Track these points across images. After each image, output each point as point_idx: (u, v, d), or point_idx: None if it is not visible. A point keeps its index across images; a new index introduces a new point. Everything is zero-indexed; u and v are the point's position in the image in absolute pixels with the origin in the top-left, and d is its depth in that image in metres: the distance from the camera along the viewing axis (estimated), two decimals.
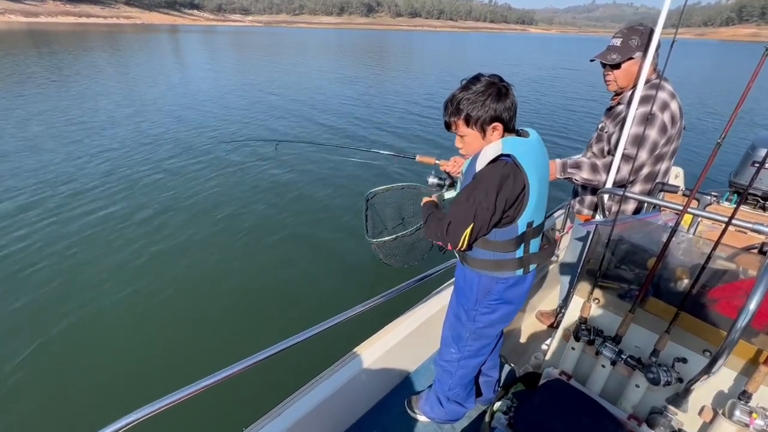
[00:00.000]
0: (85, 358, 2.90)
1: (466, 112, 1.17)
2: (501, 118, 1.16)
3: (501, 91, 1.16)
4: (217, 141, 7.88)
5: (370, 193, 2.03)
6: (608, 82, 1.76)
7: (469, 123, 1.19)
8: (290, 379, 1.85)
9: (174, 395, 1.12)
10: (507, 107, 1.17)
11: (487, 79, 1.18)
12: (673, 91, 1.66)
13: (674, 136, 1.68)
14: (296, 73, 18.65)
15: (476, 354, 1.49)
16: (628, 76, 1.69)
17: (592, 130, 1.96)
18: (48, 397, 2.62)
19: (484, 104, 1.15)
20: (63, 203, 5.16)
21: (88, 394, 2.63)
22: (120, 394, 2.60)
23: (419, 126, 9.54)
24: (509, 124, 1.20)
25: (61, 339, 3.06)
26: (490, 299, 1.34)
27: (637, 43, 1.64)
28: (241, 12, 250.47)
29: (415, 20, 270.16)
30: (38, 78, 14.08)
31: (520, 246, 1.24)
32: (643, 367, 1.32)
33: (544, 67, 25.16)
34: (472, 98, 1.16)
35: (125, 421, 1.01)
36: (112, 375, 2.76)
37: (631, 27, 1.68)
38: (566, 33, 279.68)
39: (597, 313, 1.50)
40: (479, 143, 1.21)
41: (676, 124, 1.65)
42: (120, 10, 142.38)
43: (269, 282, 3.79)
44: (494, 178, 1.13)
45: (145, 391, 2.51)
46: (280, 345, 1.36)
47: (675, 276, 1.25)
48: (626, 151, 1.65)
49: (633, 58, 1.65)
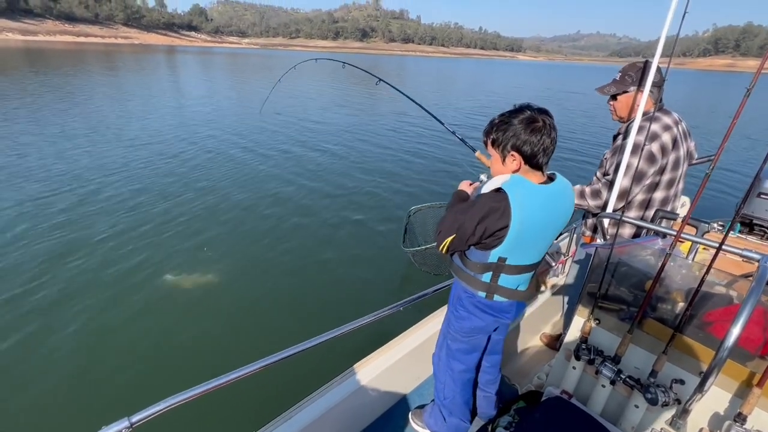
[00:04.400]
0: (100, 355, 2.99)
1: (495, 134, 1.25)
2: (522, 150, 1.20)
3: (536, 127, 1.19)
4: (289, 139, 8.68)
5: (412, 210, 2.13)
6: (611, 112, 1.93)
7: (494, 144, 1.27)
8: (299, 385, 1.90)
9: (179, 396, 1.13)
10: (534, 143, 1.19)
11: (529, 112, 1.21)
12: (670, 123, 1.76)
13: (667, 166, 1.77)
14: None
15: (456, 357, 1.54)
16: (626, 107, 1.84)
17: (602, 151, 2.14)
18: (67, 390, 2.69)
19: (512, 131, 1.21)
20: (96, 202, 5.49)
21: (88, 396, 2.67)
22: (123, 395, 2.65)
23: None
24: (532, 160, 1.21)
25: (81, 332, 3.17)
26: (459, 304, 1.46)
27: (633, 78, 1.78)
28: (238, 34, 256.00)
29: (407, 45, 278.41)
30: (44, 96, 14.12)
31: (487, 272, 1.33)
32: (642, 388, 1.35)
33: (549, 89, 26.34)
34: (505, 123, 1.23)
35: (126, 422, 1.00)
36: (118, 372, 2.82)
37: (632, 63, 1.83)
38: (553, 60, 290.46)
39: (597, 333, 1.54)
40: (498, 166, 1.29)
41: (668, 155, 1.75)
42: (118, 31, 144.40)
43: (283, 288, 3.88)
44: (485, 207, 1.21)
45: (149, 391, 2.64)
46: (288, 351, 1.39)
47: (672, 299, 1.31)
48: (609, 177, 1.81)
49: (628, 92, 1.80)
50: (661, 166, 1.76)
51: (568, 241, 2.49)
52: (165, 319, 3.36)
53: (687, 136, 1.87)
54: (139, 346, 3.06)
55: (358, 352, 1.84)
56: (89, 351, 3.01)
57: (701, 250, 1.36)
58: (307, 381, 1.86)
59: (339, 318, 1.72)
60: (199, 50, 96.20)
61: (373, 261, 4.40)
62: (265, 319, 3.45)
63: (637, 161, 1.71)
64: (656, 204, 1.84)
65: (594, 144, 11.13)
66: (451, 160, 8.68)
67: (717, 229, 1.45)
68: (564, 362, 1.68)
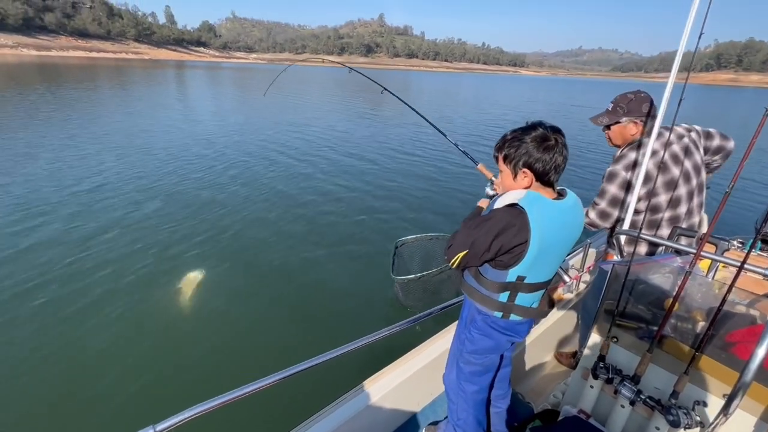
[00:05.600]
0: (125, 364, 3.06)
1: (506, 150, 1.26)
2: (533, 167, 1.21)
3: (547, 145, 1.20)
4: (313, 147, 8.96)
5: (399, 241, 2.12)
6: (607, 140, 2.00)
7: (505, 160, 1.28)
8: (311, 400, 1.92)
9: (201, 406, 1.14)
10: (546, 160, 1.19)
11: (541, 129, 1.22)
12: (656, 148, 1.79)
13: (656, 189, 1.83)
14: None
15: (470, 380, 1.51)
16: (619, 136, 1.91)
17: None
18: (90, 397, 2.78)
19: (525, 149, 1.22)
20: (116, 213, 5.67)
21: (115, 404, 2.73)
22: (144, 404, 2.73)
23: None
24: (543, 177, 1.23)
25: (107, 340, 3.28)
26: (473, 326, 1.42)
27: (624, 109, 1.85)
28: (246, 50, 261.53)
29: (412, 60, 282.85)
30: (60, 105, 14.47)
31: (504, 292, 1.31)
32: (663, 409, 1.32)
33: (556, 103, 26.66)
34: (518, 139, 1.23)
35: (151, 430, 1.02)
36: (142, 381, 2.91)
37: (623, 94, 1.91)
38: (556, 75, 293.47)
39: (615, 351, 1.52)
40: (510, 182, 1.29)
41: (651, 180, 1.78)
42: (129, 46, 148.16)
43: (296, 302, 3.92)
44: (500, 222, 1.20)
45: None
46: (301, 365, 1.39)
47: (692, 318, 1.29)
48: (594, 199, 1.96)
49: (620, 122, 1.86)
50: (648, 190, 1.80)
51: (582, 257, 2.47)
52: (184, 333, 3.45)
53: (695, 147, 1.87)
54: (159, 358, 3.15)
55: (369, 368, 1.83)
56: (115, 360, 3.10)
57: (721, 268, 1.34)
58: (319, 395, 1.86)
59: (351, 333, 1.72)
60: (207, 65, 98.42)
61: (384, 278, 4.42)
62: (278, 333, 3.50)
63: (612, 187, 1.88)
64: (666, 224, 1.87)
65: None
66: (454, 172, 8.73)
67: (737, 246, 1.43)
68: (581, 381, 1.65)
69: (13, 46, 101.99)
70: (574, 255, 2.71)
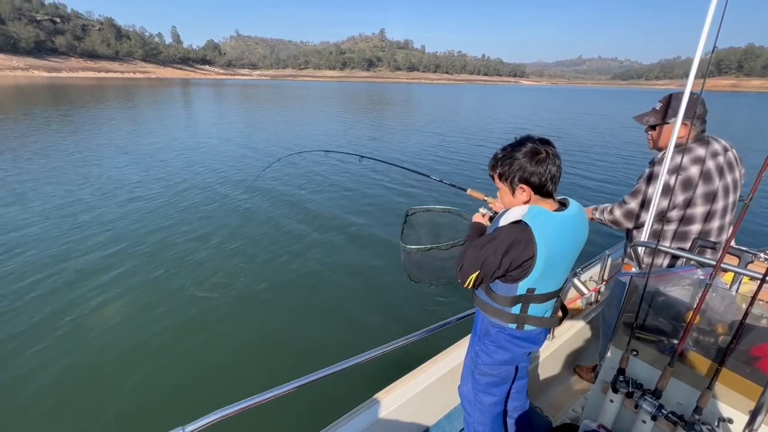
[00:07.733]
0: (154, 368, 3.18)
1: (500, 169, 1.28)
2: (530, 181, 1.23)
3: (540, 158, 1.22)
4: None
5: (410, 210, 2.11)
6: (648, 141, 1.89)
7: (501, 178, 1.30)
8: (325, 410, 1.90)
9: (229, 408, 1.16)
10: (540, 173, 1.21)
11: (530, 144, 1.23)
12: (702, 155, 1.68)
13: (695, 199, 1.70)
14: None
15: (486, 391, 1.51)
16: (664, 138, 1.78)
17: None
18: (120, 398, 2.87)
19: (517, 165, 1.23)
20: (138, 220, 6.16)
21: (145, 405, 2.82)
22: (173, 406, 2.82)
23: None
24: (541, 189, 1.24)
25: (136, 347, 3.40)
26: (488, 340, 1.43)
27: (675, 110, 1.67)
28: (249, 67, 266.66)
29: (413, 73, 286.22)
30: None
31: (516, 304, 1.32)
32: (687, 425, 1.29)
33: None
34: (510, 157, 1.25)
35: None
36: (171, 384, 3.02)
37: (675, 94, 1.75)
38: (557, 84, 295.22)
39: (635, 364, 1.50)
40: (509, 198, 1.31)
41: (692, 188, 1.68)
42: (137, 66, 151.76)
43: (313, 313, 4.01)
44: (507, 239, 1.21)
45: (196, 403, 2.78)
46: (317, 374, 1.40)
47: (714, 331, 1.28)
48: (624, 197, 1.83)
49: (668, 123, 1.75)
50: (686, 198, 1.69)
51: (600, 268, 2.44)
52: (208, 341, 3.55)
53: (736, 164, 1.77)
54: (184, 363, 3.26)
55: (383, 379, 1.83)
56: (145, 363, 3.21)
57: (746, 281, 1.33)
58: (334, 403, 1.89)
59: (367, 343, 1.74)
60: (212, 82, 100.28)
61: (399, 289, 4.46)
62: (301, 339, 3.60)
63: (651, 189, 1.71)
64: (692, 237, 1.76)
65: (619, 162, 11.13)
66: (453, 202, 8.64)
67: (763, 258, 1.40)
68: (600, 395, 1.63)
69: (24, 69, 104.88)
70: (593, 266, 2.66)
